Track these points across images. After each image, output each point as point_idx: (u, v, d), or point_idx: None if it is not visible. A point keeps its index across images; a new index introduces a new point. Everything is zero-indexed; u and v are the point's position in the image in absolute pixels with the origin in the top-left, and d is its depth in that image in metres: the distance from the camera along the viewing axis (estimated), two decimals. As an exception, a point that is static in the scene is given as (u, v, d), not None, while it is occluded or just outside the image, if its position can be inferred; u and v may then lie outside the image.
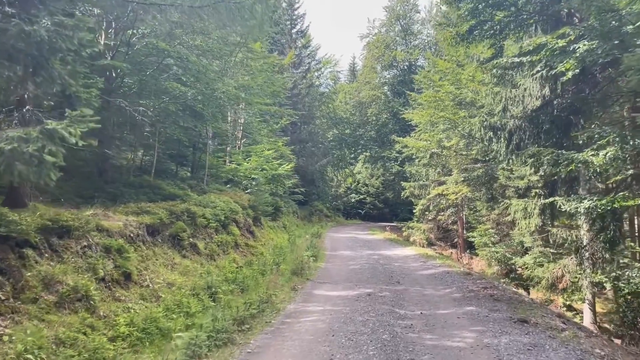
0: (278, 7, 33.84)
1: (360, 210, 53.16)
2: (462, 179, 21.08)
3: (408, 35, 49.41)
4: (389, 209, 50.78)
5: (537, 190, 13.07)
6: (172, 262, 9.89)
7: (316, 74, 44.21)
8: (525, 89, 12.68)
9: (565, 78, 9.05)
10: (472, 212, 23.66)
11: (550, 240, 15.47)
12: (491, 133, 12.57)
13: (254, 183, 22.60)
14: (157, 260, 9.34)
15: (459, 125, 20.33)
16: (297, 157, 38.22)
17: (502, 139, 12.41)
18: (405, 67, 48.71)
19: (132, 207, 10.53)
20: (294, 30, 43.72)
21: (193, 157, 21.11)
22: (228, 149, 25.09)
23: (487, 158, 20.92)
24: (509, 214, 14.43)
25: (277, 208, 26.54)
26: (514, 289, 12.76)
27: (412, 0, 49.03)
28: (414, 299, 10.17)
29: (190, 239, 11.29)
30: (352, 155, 52.53)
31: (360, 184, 54.55)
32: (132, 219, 9.54)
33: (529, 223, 13.19)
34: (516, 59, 10.84)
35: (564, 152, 9.42)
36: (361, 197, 53.40)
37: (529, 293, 18.82)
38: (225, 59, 15.69)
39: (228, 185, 22.74)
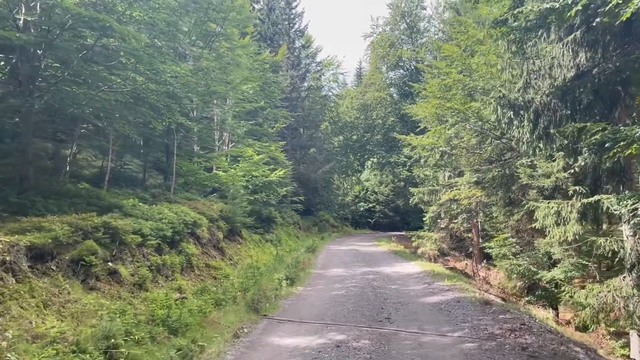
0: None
1: (369, 219, 50.72)
2: (475, 179, 18.00)
3: (414, 34, 46.59)
4: (400, 217, 48.30)
5: (577, 188, 9.92)
6: (65, 299, 6.99)
7: (316, 75, 41.44)
8: (553, 58, 9.72)
9: (626, 15, 5.95)
10: (488, 218, 20.52)
11: (580, 249, 12.44)
12: (511, 113, 9.47)
13: (241, 192, 19.82)
14: (32, 298, 6.45)
15: (470, 118, 17.31)
16: (298, 164, 35.75)
17: (525, 120, 9.32)
18: (412, 67, 45.70)
19: (23, 222, 7.72)
20: (292, 30, 41.09)
21: (167, 163, 18.44)
22: (215, 153, 22.36)
23: (503, 158, 18.04)
24: (536, 220, 11.22)
25: (269, 219, 23.91)
26: (552, 326, 9.50)
27: (417, -4, 46.22)
28: (403, 355, 6.81)
29: (109, 264, 8.38)
30: (360, 161, 49.71)
31: (369, 192, 52.16)
32: (3, 239, 6.69)
33: (564, 231, 10.02)
34: (544, 5, 7.82)
35: (622, 127, 6.40)
36: (370, 205, 50.99)
37: (557, 313, 15.75)
38: (176, 34, 12.80)
39: (214, 195, 20.11)
